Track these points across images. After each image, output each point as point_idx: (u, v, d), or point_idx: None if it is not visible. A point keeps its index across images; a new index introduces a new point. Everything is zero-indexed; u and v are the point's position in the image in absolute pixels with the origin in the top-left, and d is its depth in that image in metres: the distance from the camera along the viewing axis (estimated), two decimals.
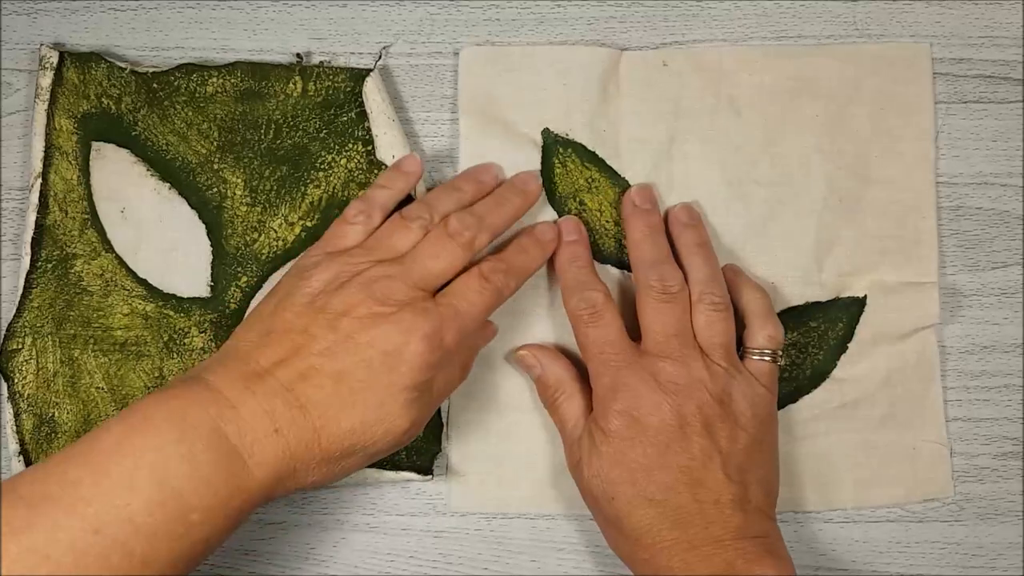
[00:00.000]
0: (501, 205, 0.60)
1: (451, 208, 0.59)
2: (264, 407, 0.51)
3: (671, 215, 0.63)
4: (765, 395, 0.59)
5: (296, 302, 0.55)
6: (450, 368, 0.58)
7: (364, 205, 0.59)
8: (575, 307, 0.60)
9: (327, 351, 0.53)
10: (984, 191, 0.65)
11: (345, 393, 0.52)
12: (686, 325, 0.59)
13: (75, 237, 0.63)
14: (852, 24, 0.65)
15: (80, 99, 0.63)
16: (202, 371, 0.52)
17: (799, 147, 0.64)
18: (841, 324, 0.63)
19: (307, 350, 0.53)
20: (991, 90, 0.65)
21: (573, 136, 0.64)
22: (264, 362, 0.53)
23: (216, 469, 0.49)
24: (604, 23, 0.66)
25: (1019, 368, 0.64)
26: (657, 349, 0.58)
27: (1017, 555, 0.63)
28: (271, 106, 0.64)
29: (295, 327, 0.54)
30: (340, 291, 0.55)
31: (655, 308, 0.59)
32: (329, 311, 0.54)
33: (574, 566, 0.62)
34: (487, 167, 0.63)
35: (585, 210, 0.64)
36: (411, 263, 0.56)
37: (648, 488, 0.56)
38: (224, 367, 0.52)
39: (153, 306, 0.63)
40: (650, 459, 0.56)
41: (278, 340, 0.53)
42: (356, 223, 0.59)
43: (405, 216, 0.59)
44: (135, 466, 0.48)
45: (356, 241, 0.58)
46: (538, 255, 0.61)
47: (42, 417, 0.62)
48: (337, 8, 0.66)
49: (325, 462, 0.53)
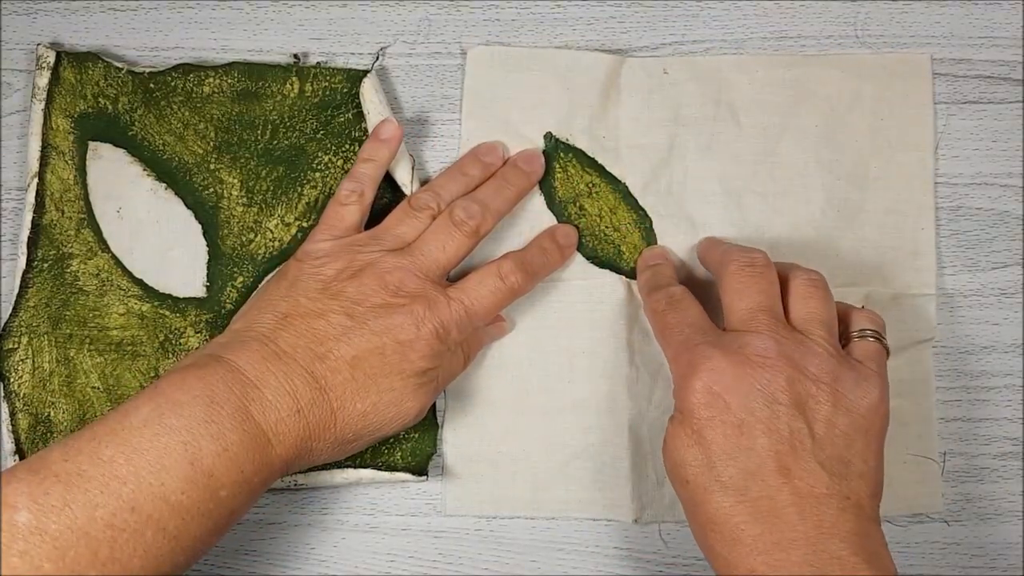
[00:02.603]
0: (504, 188, 0.62)
1: (457, 192, 0.61)
2: (287, 387, 0.53)
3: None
4: (873, 378, 0.53)
5: (310, 288, 0.57)
6: (455, 356, 0.59)
7: (354, 183, 0.60)
8: (654, 301, 0.59)
9: (343, 336, 0.55)
10: (984, 191, 0.64)
11: (360, 377, 0.54)
12: (776, 300, 0.55)
13: (71, 237, 0.63)
14: (852, 24, 0.65)
15: (77, 99, 0.63)
16: (221, 350, 0.54)
17: (798, 157, 0.64)
18: None
19: (325, 334, 0.55)
20: (991, 90, 0.65)
21: (573, 141, 0.64)
22: (284, 344, 0.54)
23: (243, 447, 0.51)
24: (604, 23, 0.66)
25: (1019, 368, 0.63)
26: (743, 324, 0.54)
27: (1017, 555, 0.62)
28: (268, 106, 0.64)
29: (312, 311, 0.55)
30: (354, 279, 0.56)
31: (741, 282, 0.55)
32: (344, 298, 0.56)
33: (574, 566, 0.62)
34: (492, 147, 0.64)
35: (585, 215, 0.64)
36: (419, 254, 0.58)
37: (726, 473, 0.51)
38: (245, 347, 0.54)
39: (149, 306, 0.63)
40: (731, 440, 0.51)
41: (296, 324, 0.55)
42: (350, 203, 0.60)
43: (413, 205, 0.60)
44: (167, 445, 0.49)
45: (355, 220, 0.60)
46: (557, 258, 0.62)
47: (38, 417, 0.62)
48: (336, 8, 0.66)
49: (338, 442, 0.55)
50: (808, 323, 0.54)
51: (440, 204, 0.60)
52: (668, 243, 0.64)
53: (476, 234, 0.59)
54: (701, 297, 0.59)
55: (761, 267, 0.56)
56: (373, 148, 0.61)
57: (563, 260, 0.63)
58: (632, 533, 0.62)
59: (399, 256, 0.58)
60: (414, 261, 0.58)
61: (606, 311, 0.63)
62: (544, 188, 0.64)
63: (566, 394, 0.63)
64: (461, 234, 0.59)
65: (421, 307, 0.56)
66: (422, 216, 0.60)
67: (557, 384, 0.63)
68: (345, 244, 0.59)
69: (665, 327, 0.57)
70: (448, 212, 0.59)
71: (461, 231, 0.59)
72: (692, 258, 0.63)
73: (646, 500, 0.62)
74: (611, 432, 0.62)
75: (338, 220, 0.60)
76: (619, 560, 0.62)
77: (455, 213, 0.59)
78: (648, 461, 0.62)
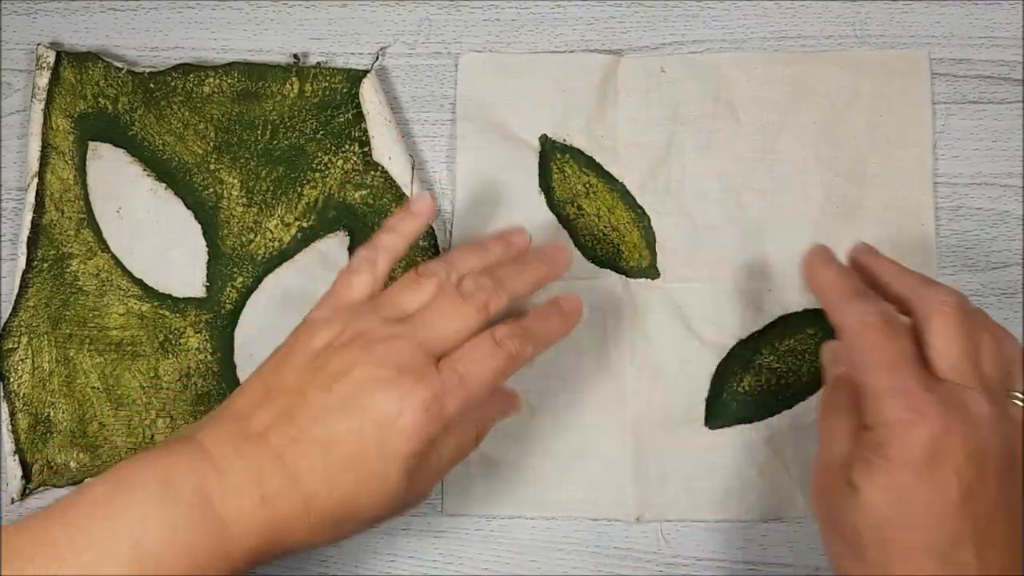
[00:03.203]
0: (523, 271, 0.56)
1: (472, 267, 0.55)
2: (252, 474, 0.48)
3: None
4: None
5: (297, 360, 0.52)
6: (457, 436, 0.53)
7: (368, 251, 0.55)
8: (863, 312, 0.51)
9: (319, 416, 0.50)
10: (984, 191, 0.64)
11: (335, 463, 0.49)
12: (979, 349, 0.50)
13: (71, 237, 0.63)
14: (852, 24, 0.65)
15: (77, 99, 0.64)
16: (197, 429, 0.51)
17: (797, 154, 0.64)
18: None
19: (300, 414, 0.50)
20: (991, 90, 0.65)
21: (571, 142, 0.64)
22: (257, 425, 0.50)
23: (196, 535, 0.47)
24: (604, 23, 0.66)
25: None
26: (959, 376, 0.49)
27: None
28: (268, 107, 0.64)
29: (292, 387, 0.51)
30: (341, 351, 0.51)
31: (952, 328, 0.50)
32: (327, 372, 0.50)
33: (574, 566, 0.62)
34: (520, 231, 0.58)
35: (583, 215, 0.64)
36: (419, 324, 0.52)
37: (937, 538, 0.47)
38: (218, 426, 0.50)
39: (149, 306, 0.63)
40: (947, 503, 0.47)
41: (274, 401, 0.50)
42: (361, 271, 0.55)
43: (420, 272, 0.54)
44: (112, 528, 0.46)
45: (362, 291, 0.54)
46: (560, 326, 0.56)
47: (37, 417, 0.62)
48: (336, 8, 0.66)
49: (317, 531, 0.50)
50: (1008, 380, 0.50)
51: (451, 274, 0.54)
52: (666, 242, 0.64)
53: (485, 310, 0.52)
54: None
55: (972, 312, 0.51)
56: (400, 219, 0.57)
57: (567, 328, 0.56)
58: (632, 533, 0.62)
59: (394, 326, 0.52)
60: (410, 330, 0.51)
61: (606, 310, 0.63)
62: (543, 188, 0.64)
63: (566, 393, 0.63)
64: (468, 307, 0.52)
65: (409, 381, 0.49)
66: (427, 285, 0.54)
67: (557, 383, 0.63)
68: (341, 311, 0.53)
69: (878, 352, 0.50)
70: (457, 283, 0.53)
71: (469, 304, 0.52)
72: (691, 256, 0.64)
73: (647, 499, 0.62)
74: (611, 432, 0.62)
75: (345, 289, 0.55)
76: (619, 560, 0.62)
77: (465, 284, 0.53)
78: (649, 461, 0.62)
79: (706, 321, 0.63)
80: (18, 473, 0.62)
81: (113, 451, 0.62)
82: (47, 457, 0.62)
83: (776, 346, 0.63)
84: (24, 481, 0.62)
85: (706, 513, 0.62)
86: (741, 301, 0.63)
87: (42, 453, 0.62)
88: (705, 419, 0.63)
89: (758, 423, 0.63)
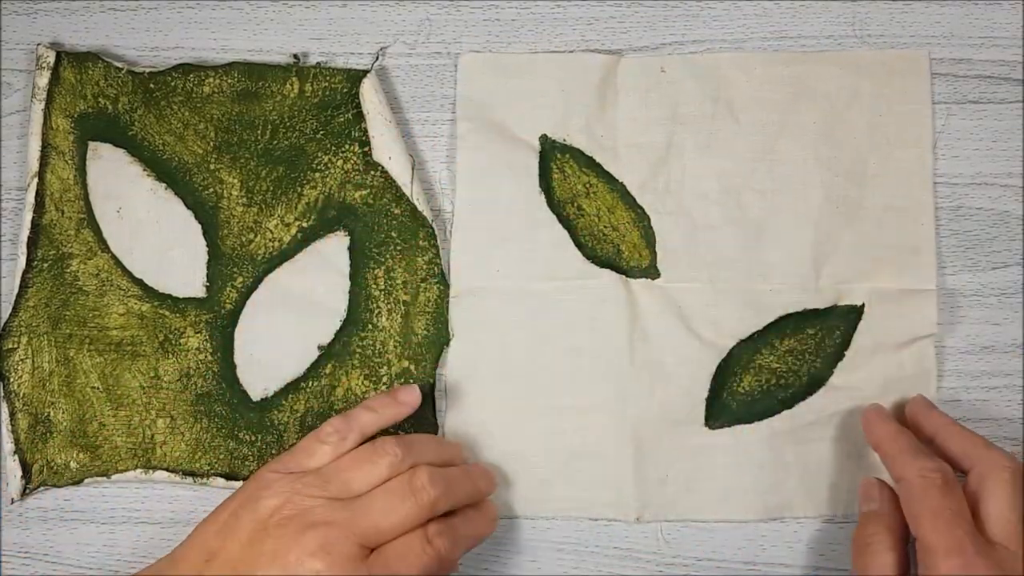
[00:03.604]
0: (472, 481, 0.58)
1: (428, 458, 0.56)
2: None
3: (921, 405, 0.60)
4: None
5: (244, 527, 0.53)
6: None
7: (342, 424, 0.56)
8: (923, 468, 0.54)
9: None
10: (984, 191, 0.64)
11: None
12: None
13: (71, 237, 0.63)
14: (852, 24, 0.65)
15: (77, 99, 0.64)
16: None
17: (797, 154, 0.64)
18: (838, 332, 0.63)
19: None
20: (991, 90, 0.65)
21: (571, 142, 0.64)
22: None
23: None
24: (604, 23, 0.66)
25: (1019, 368, 0.63)
26: (1011, 541, 0.52)
27: None
28: (268, 107, 0.64)
29: (231, 561, 0.52)
30: (280, 529, 0.52)
31: (1008, 492, 0.53)
32: (264, 550, 0.52)
33: (574, 566, 0.62)
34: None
35: (583, 214, 0.64)
36: (361, 513, 0.53)
37: None
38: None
39: (149, 306, 0.63)
40: None
41: (213, 573, 0.52)
42: (328, 443, 0.56)
43: (376, 450, 0.55)
44: None
45: (321, 463, 0.55)
46: (485, 527, 0.57)
47: (37, 417, 0.62)
48: (336, 8, 0.66)
49: None
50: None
51: (405, 461, 0.55)
52: (666, 242, 0.64)
53: (431, 508, 0.53)
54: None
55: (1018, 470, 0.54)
56: (383, 403, 0.58)
57: (491, 528, 0.58)
58: (632, 533, 0.62)
59: (336, 509, 0.52)
60: (351, 519, 0.52)
61: (606, 310, 0.63)
62: (543, 188, 0.64)
63: (566, 394, 0.63)
64: (415, 502, 0.53)
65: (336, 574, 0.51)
66: (381, 464, 0.54)
67: (557, 384, 0.63)
68: (291, 480, 0.54)
69: (936, 508, 0.52)
70: (411, 473, 0.54)
71: (417, 499, 0.53)
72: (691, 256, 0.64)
73: (647, 499, 0.62)
74: (612, 431, 0.62)
75: (305, 456, 0.55)
76: (619, 560, 0.62)
77: (418, 477, 0.54)
78: (648, 461, 0.62)
79: (706, 321, 0.63)
80: (18, 473, 0.62)
81: (113, 451, 0.62)
82: (47, 457, 0.62)
83: (776, 346, 0.63)
84: (24, 481, 0.62)
85: (706, 513, 0.62)
86: (741, 301, 0.63)
87: (42, 453, 0.62)
88: (705, 419, 0.63)
89: (758, 423, 0.63)
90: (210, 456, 0.62)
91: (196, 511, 0.62)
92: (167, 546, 0.56)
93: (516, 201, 0.64)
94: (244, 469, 0.62)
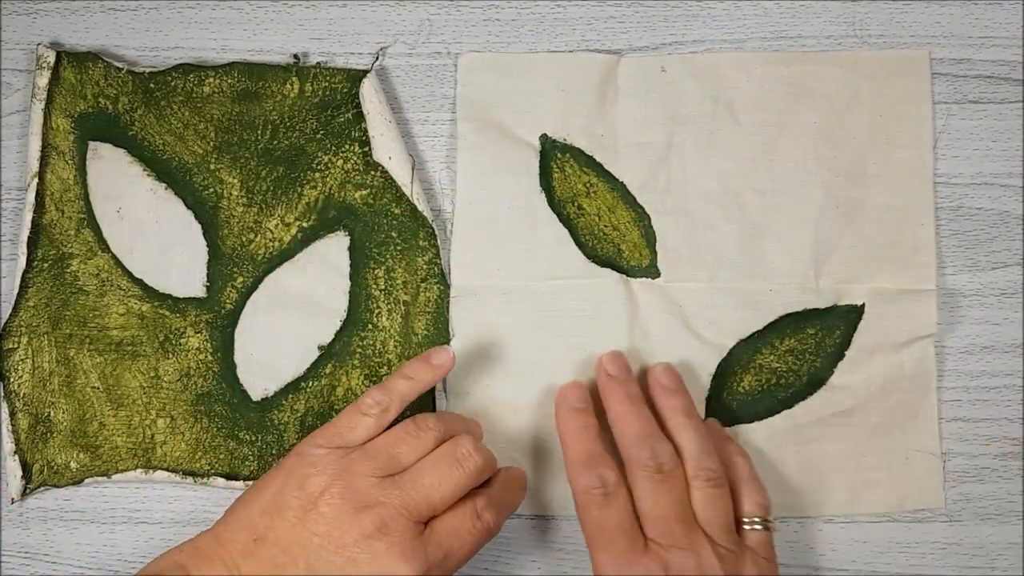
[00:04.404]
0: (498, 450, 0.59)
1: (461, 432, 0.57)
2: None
3: (652, 379, 0.61)
4: (770, 567, 0.56)
5: (290, 509, 0.53)
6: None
7: (382, 395, 0.56)
8: (587, 485, 0.56)
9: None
10: (984, 191, 0.64)
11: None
12: (686, 506, 0.56)
13: (71, 236, 0.63)
14: (852, 24, 0.65)
15: (77, 99, 0.64)
16: (188, 559, 0.52)
17: (797, 154, 0.64)
18: (839, 332, 0.63)
19: (290, 570, 0.52)
20: (991, 90, 0.65)
21: (571, 141, 0.64)
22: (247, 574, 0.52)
23: None
24: (604, 23, 0.66)
25: (1019, 368, 0.63)
26: (663, 538, 0.55)
27: (1017, 555, 0.62)
28: (268, 106, 0.64)
29: (283, 541, 0.52)
30: (332, 508, 0.52)
31: (652, 490, 0.55)
32: (317, 531, 0.52)
33: (574, 566, 0.62)
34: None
35: (583, 214, 0.64)
36: (411, 488, 0.53)
37: None
38: (208, 565, 0.52)
39: (149, 306, 0.63)
40: None
41: (265, 552, 0.52)
42: (370, 415, 0.56)
43: (419, 424, 0.56)
44: None
45: (366, 435, 0.55)
46: (519, 494, 0.59)
47: (37, 416, 0.62)
48: (336, 8, 0.66)
49: None
50: (714, 529, 0.55)
51: (445, 432, 0.56)
52: (666, 241, 0.64)
53: (477, 476, 0.55)
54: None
55: (668, 472, 0.56)
56: (418, 368, 0.58)
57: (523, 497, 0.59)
58: None
59: (386, 486, 0.53)
60: (402, 495, 0.53)
61: (607, 310, 0.63)
62: (544, 187, 0.64)
63: None
64: (462, 472, 0.54)
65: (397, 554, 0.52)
66: (427, 439, 0.55)
67: (558, 382, 0.63)
68: (338, 457, 0.54)
69: (595, 523, 0.56)
70: (453, 443, 0.55)
71: (463, 468, 0.54)
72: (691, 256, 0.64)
73: None
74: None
75: (347, 430, 0.56)
76: None
77: (462, 446, 0.55)
78: None
79: (706, 321, 0.63)
80: (18, 473, 0.62)
81: (113, 451, 0.62)
82: (47, 457, 0.62)
83: (776, 346, 0.63)
84: (24, 481, 0.62)
85: None
86: (741, 301, 0.63)
87: (42, 453, 0.62)
88: (705, 418, 0.63)
89: (758, 423, 0.63)
90: (210, 456, 0.62)
91: (196, 511, 0.63)
92: (167, 546, 0.56)
93: (517, 200, 0.64)
94: (244, 469, 0.62)
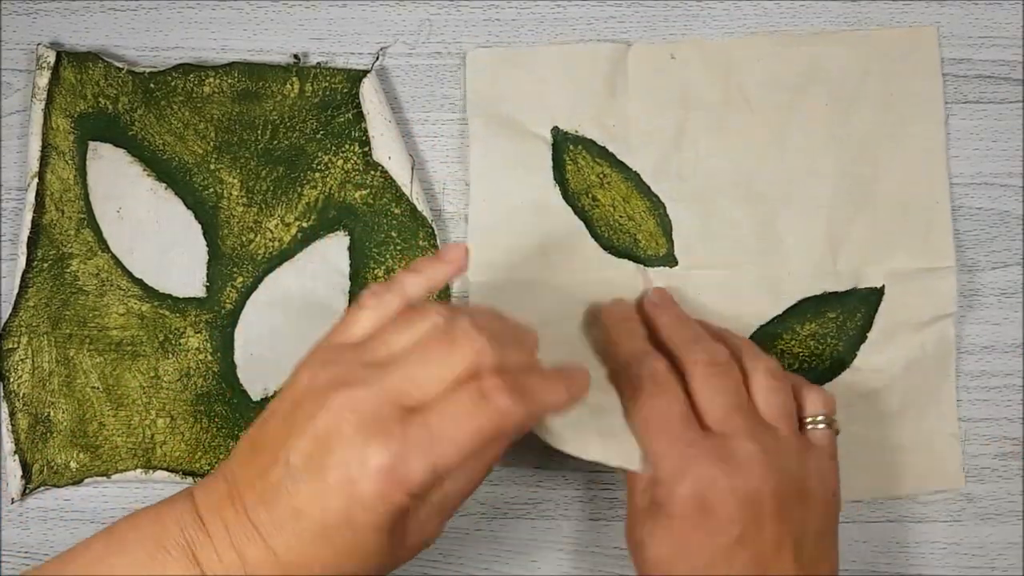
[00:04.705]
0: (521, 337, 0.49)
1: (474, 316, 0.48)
2: (232, 540, 0.46)
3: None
4: (833, 468, 0.55)
5: (280, 409, 0.48)
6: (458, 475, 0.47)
7: (381, 287, 0.50)
8: (637, 374, 0.54)
9: (285, 481, 0.45)
10: (984, 191, 0.64)
11: (307, 535, 0.45)
12: (745, 397, 0.54)
13: (71, 236, 0.63)
14: (852, 24, 0.65)
15: (77, 99, 0.64)
16: (199, 486, 0.50)
17: (809, 135, 0.64)
18: (859, 314, 0.63)
19: (273, 476, 0.46)
20: (991, 90, 0.65)
21: (583, 132, 0.64)
22: (241, 487, 0.47)
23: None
24: (604, 23, 0.66)
25: (1019, 368, 0.63)
26: (723, 427, 0.53)
27: (1017, 555, 0.62)
28: (268, 107, 0.64)
29: (269, 442, 0.47)
30: (310, 398, 0.46)
31: (709, 384, 0.54)
32: (296, 426, 0.46)
33: (574, 566, 0.62)
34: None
35: (598, 205, 0.64)
36: (394, 368, 0.46)
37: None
38: (213, 485, 0.48)
39: (149, 306, 0.63)
40: (718, 549, 0.50)
41: (255, 460, 0.47)
42: (367, 307, 0.49)
43: (418, 311, 0.48)
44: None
45: (365, 329, 0.49)
46: (562, 393, 0.48)
47: (37, 417, 0.62)
48: (337, 8, 0.66)
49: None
50: (777, 419, 0.54)
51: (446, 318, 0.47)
52: (682, 229, 0.63)
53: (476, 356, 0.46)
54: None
55: (725, 365, 0.55)
56: (429, 264, 0.51)
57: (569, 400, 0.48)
58: None
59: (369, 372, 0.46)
60: (380, 376, 0.45)
61: None
62: (558, 180, 0.64)
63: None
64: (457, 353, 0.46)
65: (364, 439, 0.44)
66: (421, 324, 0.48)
67: None
68: (328, 351, 0.49)
69: (649, 412, 0.53)
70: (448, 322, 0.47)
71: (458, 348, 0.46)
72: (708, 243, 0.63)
73: None
74: None
75: (346, 327, 0.50)
76: (619, 560, 0.62)
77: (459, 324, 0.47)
78: None
79: (725, 308, 0.63)
80: (18, 473, 0.62)
81: (113, 451, 0.62)
82: (47, 457, 0.62)
83: (797, 331, 0.63)
84: (24, 481, 0.62)
85: None
86: (760, 287, 0.63)
87: (42, 453, 0.62)
88: None
89: None
90: (210, 456, 0.62)
91: None
92: None
93: (531, 194, 0.64)
94: None
